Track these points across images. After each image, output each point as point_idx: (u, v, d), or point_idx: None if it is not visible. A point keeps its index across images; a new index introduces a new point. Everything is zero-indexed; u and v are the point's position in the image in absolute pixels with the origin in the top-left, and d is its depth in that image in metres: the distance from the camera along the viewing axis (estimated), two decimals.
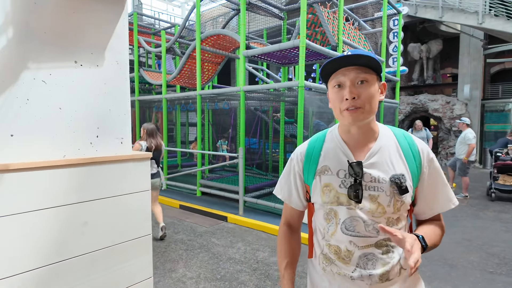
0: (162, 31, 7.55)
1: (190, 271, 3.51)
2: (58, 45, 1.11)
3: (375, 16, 9.87)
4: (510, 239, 4.48)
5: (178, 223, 5.24)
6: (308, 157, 1.14)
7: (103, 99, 1.25)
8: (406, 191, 1.00)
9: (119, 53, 1.29)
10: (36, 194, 1.05)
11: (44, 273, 1.05)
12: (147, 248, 1.38)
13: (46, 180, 1.07)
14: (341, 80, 1.00)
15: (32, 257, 1.02)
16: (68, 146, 1.17)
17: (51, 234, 1.07)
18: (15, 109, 1.03)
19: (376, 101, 1.01)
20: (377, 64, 0.99)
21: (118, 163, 1.26)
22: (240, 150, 5.50)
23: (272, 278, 3.36)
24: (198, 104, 6.66)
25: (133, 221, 1.32)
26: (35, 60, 1.06)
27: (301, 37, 4.73)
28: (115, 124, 1.29)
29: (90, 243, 1.19)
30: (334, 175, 1.06)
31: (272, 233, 4.72)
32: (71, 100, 1.16)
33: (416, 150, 1.05)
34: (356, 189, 1.01)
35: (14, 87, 1.02)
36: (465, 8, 10.46)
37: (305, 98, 5.05)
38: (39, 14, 1.06)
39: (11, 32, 1.00)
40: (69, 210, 1.13)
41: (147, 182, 1.36)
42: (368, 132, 1.06)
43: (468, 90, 11.83)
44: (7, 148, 1.01)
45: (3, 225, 0.97)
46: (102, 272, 1.21)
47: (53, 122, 1.12)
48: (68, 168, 1.12)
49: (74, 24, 1.15)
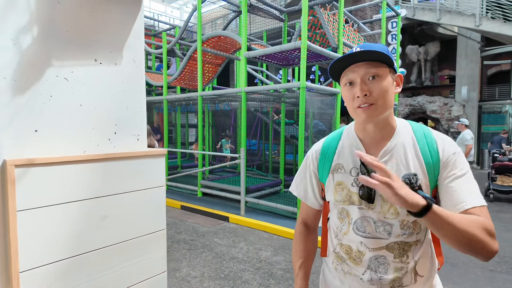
0: (163, 33, 7.58)
1: (194, 270, 3.53)
2: (79, 44, 1.15)
3: (374, 19, 9.96)
4: (510, 238, 4.53)
5: (180, 223, 5.25)
6: (323, 155, 1.12)
7: (121, 97, 1.28)
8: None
9: (136, 51, 1.32)
10: (58, 188, 1.08)
11: (67, 265, 1.08)
12: (162, 243, 1.41)
13: (68, 175, 1.10)
14: (351, 77, 0.97)
15: (57, 249, 1.05)
16: (88, 142, 1.20)
17: (73, 227, 1.10)
18: (39, 105, 1.06)
19: (390, 95, 0.96)
20: (387, 57, 0.94)
21: (134, 159, 1.29)
22: (241, 150, 5.53)
23: (276, 277, 3.39)
24: (199, 105, 6.69)
25: (148, 216, 1.35)
26: (58, 58, 1.09)
27: (303, 38, 4.77)
28: (132, 121, 1.32)
29: (109, 237, 1.22)
30: (347, 173, 1.03)
31: (274, 233, 4.75)
32: (91, 97, 1.19)
33: (434, 147, 0.97)
34: (368, 189, 0.97)
35: (38, 84, 1.05)
36: (462, 10, 10.57)
37: (306, 99, 5.09)
38: (62, 13, 1.10)
39: (35, 31, 1.03)
40: (89, 204, 1.16)
41: (162, 178, 1.39)
42: (384, 129, 1.00)
43: (465, 91, 11.94)
44: (32, 143, 1.04)
45: (32, 218, 0.99)
46: (120, 265, 1.24)
47: (74, 118, 1.15)
48: (88, 164, 1.15)
49: (94, 23, 1.18)
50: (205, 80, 8.12)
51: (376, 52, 0.92)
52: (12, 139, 1.00)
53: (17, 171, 0.98)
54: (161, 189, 1.38)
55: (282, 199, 6.07)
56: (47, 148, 1.08)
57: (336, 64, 0.97)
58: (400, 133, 1.00)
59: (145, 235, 1.32)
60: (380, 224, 0.97)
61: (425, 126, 1.03)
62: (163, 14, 21.45)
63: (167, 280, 1.47)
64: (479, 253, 0.84)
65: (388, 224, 0.96)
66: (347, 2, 11.70)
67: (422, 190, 0.91)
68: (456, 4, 10.79)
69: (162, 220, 1.41)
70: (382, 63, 0.95)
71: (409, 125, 1.04)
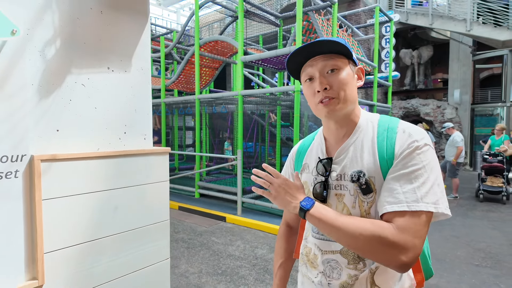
0: (161, 37, 7.73)
1: (192, 267, 3.66)
2: (95, 54, 1.29)
3: (368, 23, 10.19)
4: (496, 235, 4.71)
5: (178, 223, 5.38)
6: (297, 155, 1.10)
7: (130, 100, 1.43)
8: (368, 190, 0.86)
9: (143, 60, 1.47)
10: (76, 180, 1.22)
11: (84, 248, 1.22)
12: (166, 232, 1.55)
13: (84, 169, 1.25)
14: (309, 72, 0.91)
15: (76, 234, 1.20)
16: (101, 140, 1.34)
17: (89, 215, 1.24)
18: (60, 108, 1.20)
19: (352, 88, 0.91)
20: (344, 48, 0.88)
21: (142, 156, 1.44)
22: (238, 152, 5.68)
23: (271, 272, 3.53)
24: (197, 108, 6.84)
25: (154, 207, 1.50)
26: (77, 66, 1.24)
27: (297, 43, 4.95)
28: (140, 122, 1.46)
29: (120, 225, 1.36)
30: (309, 173, 1.01)
31: (269, 232, 4.89)
32: (104, 101, 1.34)
33: (392, 141, 0.86)
34: (322, 187, 0.93)
35: (60, 89, 1.19)
36: (454, 15, 10.83)
37: (301, 102, 5.26)
38: (81, 27, 1.24)
39: (58, 43, 1.18)
40: (103, 196, 1.30)
41: (166, 173, 1.54)
42: (346, 126, 0.95)
43: (458, 94, 12.19)
44: (54, 141, 1.19)
45: (54, 206, 1.14)
46: (130, 250, 1.39)
47: (90, 119, 1.30)
48: (102, 160, 1.30)
49: (108, 35, 1.33)
50: (202, 83, 8.28)
51: (332, 42, 0.86)
52: (38, 137, 1.15)
53: (42, 165, 1.12)
54: (165, 183, 1.53)
55: None
56: (67, 145, 1.23)
57: (293, 60, 0.93)
58: (361, 129, 0.93)
59: (151, 224, 1.47)
60: None
61: (395, 119, 0.93)
62: (160, 17, 21.60)
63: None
64: (382, 262, 0.79)
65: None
66: (342, 7, 11.94)
67: (370, 187, 0.85)
68: (448, 9, 11.06)
69: (166, 212, 1.56)
70: (341, 55, 0.90)
71: (377, 120, 0.95)
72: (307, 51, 0.89)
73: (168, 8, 23.65)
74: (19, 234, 1.11)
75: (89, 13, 1.26)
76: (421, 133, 0.86)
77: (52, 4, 1.15)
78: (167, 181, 1.54)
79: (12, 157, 1.07)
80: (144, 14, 1.45)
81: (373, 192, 0.86)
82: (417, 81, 14.68)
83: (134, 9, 1.40)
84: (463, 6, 10.72)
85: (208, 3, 7.32)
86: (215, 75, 8.38)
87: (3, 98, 1.05)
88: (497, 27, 10.00)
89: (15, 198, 1.09)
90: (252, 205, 5.98)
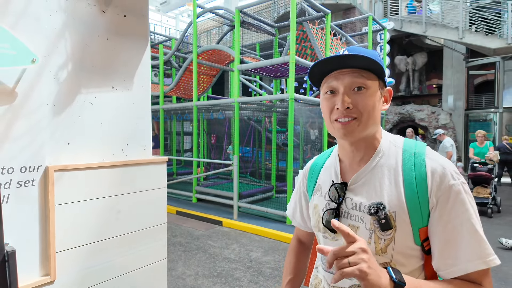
0: (160, 45, 7.92)
1: (189, 270, 3.80)
2: (101, 75, 1.46)
3: (363, 31, 10.42)
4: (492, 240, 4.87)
5: (176, 227, 5.52)
6: (310, 173, 1.01)
7: (132, 115, 1.59)
8: (387, 227, 0.76)
9: (144, 79, 1.63)
10: (85, 188, 1.38)
11: (92, 248, 1.38)
12: (163, 234, 1.70)
13: (92, 178, 1.40)
14: (333, 85, 0.81)
15: (84, 235, 1.36)
16: (106, 151, 1.50)
17: (96, 218, 1.40)
18: (70, 124, 1.36)
19: (377, 112, 0.81)
20: (379, 67, 0.78)
21: (142, 165, 1.60)
22: (234, 158, 5.83)
23: (265, 274, 3.68)
24: (195, 114, 7.00)
25: (153, 211, 1.65)
26: (85, 87, 1.40)
27: (291, 53, 5.14)
28: (140, 135, 1.62)
29: (122, 227, 1.51)
30: (322, 196, 0.91)
31: (265, 236, 5.04)
32: (109, 117, 1.50)
33: (421, 172, 0.76)
34: (332, 216, 0.84)
35: (71, 107, 1.35)
36: (447, 24, 11.09)
37: (296, 109, 5.44)
38: (90, 52, 1.41)
39: (70, 67, 1.35)
40: (108, 201, 1.46)
41: (164, 180, 1.70)
42: (365, 149, 0.85)
43: (452, 100, 12.41)
44: (65, 153, 1.35)
45: (65, 210, 1.30)
46: (131, 250, 1.54)
47: (96, 133, 1.46)
48: (106, 169, 1.45)
49: (113, 58, 1.50)
50: (200, 90, 8.46)
51: (366, 58, 0.76)
52: (52, 149, 1.31)
53: (55, 175, 1.28)
54: (163, 190, 1.69)
55: (274, 204, 6.38)
56: (76, 156, 1.39)
57: (318, 67, 0.82)
58: (382, 153, 0.84)
59: (150, 227, 1.63)
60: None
61: (421, 144, 0.83)
62: (159, 23, 21.85)
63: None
64: None
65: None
66: (337, 15, 12.19)
67: (389, 223, 0.76)
68: (442, 18, 11.32)
69: (163, 216, 1.72)
70: (372, 72, 0.80)
71: (401, 143, 0.85)
72: (337, 61, 0.79)
73: (167, 14, 23.94)
74: (34, 235, 1.26)
75: (96, 40, 1.43)
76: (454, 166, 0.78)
77: (65, 33, 1.32)
78: (164, 187, 1.70)
79: (30, 167, 1.23)
80: (144, 37, 1.61)
81: (392, 229, 0.76)
82: (412, 87, 14.92)
83: (136, 34, 1.57)
84: (456, 14, 10.98)
85: (206, 12, 7.52)
86: (212, 82, 8.56)
87: (24, 116, 1.21)
88: (488, 35, 10.25)
89: (32, 203, 1.25)
90: (248, 210, 6.13)
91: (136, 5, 1.59)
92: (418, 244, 0.76)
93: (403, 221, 0.75)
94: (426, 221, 0.75)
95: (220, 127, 10.73)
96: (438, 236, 0.74)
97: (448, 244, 0.73)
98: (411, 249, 0.77)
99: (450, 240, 0.72)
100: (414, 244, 0.76)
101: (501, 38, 10.03)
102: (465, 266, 0.71)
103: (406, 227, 0.75)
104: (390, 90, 0.87)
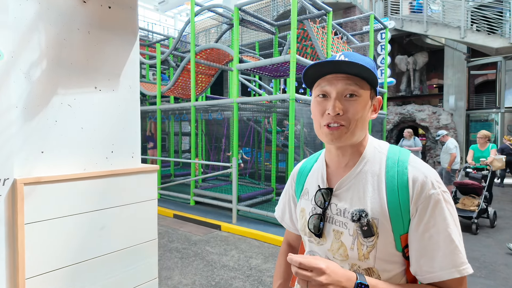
0: (157, 44, 7.74)
1: (186, 278, 3.63)
2: (82, 74, 1.29)
3: (363, 30, 10.27)
4: (490, 244, 4.71)
5: (172, 232, 5.34)
6: (299, 176, 1.03)
7: (118, 119, 1.42)
8: (370, 234, 0.78)
9: (131, 78, 1.46)
10: (62, 203, 1.21)
11: (69, 271, 1.20)
12: (154, 251, 1.54)
13: (70, 191, 1.23)
14: (326, 89, 0.82)
15: (60, 257, 1.18)
16: (87, 160, 1.33)
17: (74, 238, 1.23)
18: (45, 129, 1.19)
19: (365, 120, 0.83)
20: (373, 76, 0.80)
21: (129, 175, 1.43)
22: (233, 160, 5.67)
23: (265, 284, 3.50)
24: (193, 115, 6.83)
25: (142, 226, 1.48)
26: (63, 87, 1.23)
27: (292, 52, 4.97)
28: (127, 141, 1.45)
29: (106, 246, 1.35)
30: (309, 201, 0.93)
31: (264, 241, 4.87)
32: (91, 121, 1.33)
33: (403, 180, 0.78)
34: (318, 220, 0.86)
35: (45, 110, 1.18)
36: (448, 23, 10.94)
37: (296, 110, 5.27)
38: (68, 48, 1.24)
39: (44, 64, 1.18)
40: (89, 217, 1.29)
41: (154, 191, 1.53)
42: (351, 154, 0.86)
43: (453, 100, 12.28)
44: (39, 163, 1.18)
45: (37, 230, 1.12)
46: (116, 271, 1.37)
47: (76, 140, 1.29)
48: (88, 180, 1.28)
49: (95, 55, 1.33)
50: (198, 90, 8.28)
51: (361, 67, 0.77)
52: (23, 159, 1.14)
53: (25, 189, 1.11)
54: (153, 202, 1.52)
55: (274, 207, 6.20)
56: (52, 167, 1.22)
57: (313, 70, 0.82)
58: (366, 159, 0.85)
59: (138, 244, 1.46)
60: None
61: (405, 151, 0.85)
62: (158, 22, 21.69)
63: (158, 287, 1.59)
64: None
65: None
66: (337, 14, 12.04)
67: (371, 230, 0.78)
68: (443, 17, 11.17)
69: (153, 230, 1.54)
70: (365, 81, 0.82)
71: (386, 149, 0.87)
72: (332, 65, 0.80)
73: (166, 14, 23.77)
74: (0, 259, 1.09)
75: (76, 34, 1.26)
76: (436, 174, 0.80)
77: (39, 25, 1.15)
78: (155, 199, 1.53)
79: None
80: (132, 32, 1.44)
81: (374, 236, 0.78)
82: (413, 87, 14.78)
83: (123, 28, 1.40)
84: (457, 13, 10.83)
85: (204, 10, 7.35)
86: (211, 82, 8.39)
87: None
88: (490, 35, 10.11)
89: None
90: (247, 213, 5.96)
91: None
92: (399, 251, 0.79)
93: (385, 228, 0.77)
94: (407, 229, 0.78)
95: (218, 127, 10.57)
96: (415, 243, 0.77)
97: (424, 252, 0.75)
98: (393, 255, 0.79)
99: (427, 249, 0.75)
100: (395, 251, 0.79)
101: (503, 38, 9.90)
102: (439, 274, 0.74)
103: (388, 234, 0.78)
104: (380, 99, 0.89)
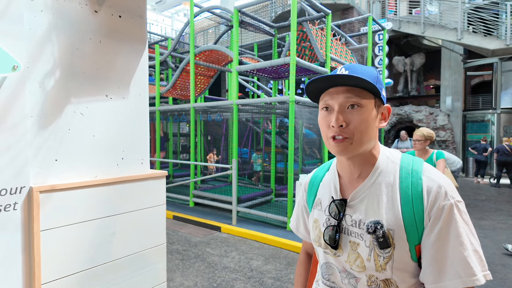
0: (156, 45, 7.75)
1: (187, 280, 3.65)
2: (94, 82, 1.31)
3: (361, 32, 10.32)
4: (487, 244, 4.78)
5: (173, 233, 5.36)
6: (310, 187, 1.02)
7: (128, 126, 1.44)
8: (386, 245, 0.78)
9: (141, 86, 1.49)
10: (75, 209, 1.23)
11: (84, 276, 1.23)
12: (162, 255, 1.56)
13: (83, 198, 1.26)
14: (328, 103, 0.83)
15: (75, 262, 1.20)
16: (99, 167, 1.35)
17: (88, 243, 1.25)
18: (59, 138, 1.21)
19: (371, 130, 0.82)
20: (372, 86, 0.79)
21: (139, 181, 1.45)
22: (233, 161, 5.69)
23: (266, 285, 3.54)
24: (192, 116, 6.84)
25: (151, 231, 1.51)
26: (76, 96, 1.25)
27: (291, 54, 5.00)
28: (137, 147, 1.48)
29: (117, 251, 1.37)
30: (322, 211, 0.93)
31: (265, 242, 4.90)
32: (102, 128, 1.35)
33: (418, 191, 0.78)
34: (335, 232, 0.85)
35: (59, 119, 1.21)
36: (445, 24, 11.02)
37: (296, 111, 5.31)
38: (80, 58, 1.26)
39: (58, 74, 1.20)
40: (101, 223, 1.31)
41: (163, 197, 1.55)
42: (362, 165, 0.86)
43: (450, 101, 12.37)
44: (53, 171, 1.20)
45: (53, 236, 1.15)
46: (126, 276, 1.39)
47: (88, 147, 1.31)
48: (100, 187, 1.31)
49: (107, 64, 1.35)
50: (198, 91, 8.30)
51: (360, 79, 0.77)
52: (37, 168, 1.16)
53: (41, 196, 1.13)
54: (162, 207, 1.54)
55: (273, 208, 6.23)
56: (65, 174, 1.24)
57: (313, 85, 0.84)
58: (380, 170, 0.85)
59: (148, 249, 1.48)
60: (345, 275, 0.86)
61: (419, 161, 0.85)
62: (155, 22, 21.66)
63: None
64: None
65: (354, 277, 0.84)
66: (335, 16, 12.09)
67: (387, 242, 0.78)
68: (440, 18, 11.25)
69: (162, 235, 1.57)
70: (367, 90, 0.82)
71: (398, 159, 0.86)
72: (331, 80, 0.81)
73: (163, 13, 23.75)
74: (17, 266, 1.11)
75: (88, 43, 1.28)
76: (450, 184, 0.79)
77: (52, 36, 1.17)
78: (163, 204, 1.56)
79: (11, 189, 1.08)
80: (142, 41, 1.47)
81: (390, 247, 0.77)
82: (410, 88, 14.87)
83: (132, 37, 1.42)
84: (454, 15, 10.92)
85: (203, 12, 7.36)
86: (210, 83, 8.40)
87: (4, 131, 1.06)
88: (487, 36, 10.20)
89: (14, 230, 1.09)
90: (247, 215, 5.99)
91: (133, 5, 1.44)
92: (414, 261, 0.79)
93: (401, 239, 0.77)
94: (421, 239, 0.78)
95: (217, 128, 10.59)
96: (426, 252, 0.76)
97: (433, 262, 0.75)
98: (409, 266, 0.79)
99: (436, 258, 0.75)
100: (411, 261, 0.79)
101: (499, 39, 9.99)
102: (446, 284, 0.74)
103: (404, 245, 0.77)
104: (388, 107, 0.88)
